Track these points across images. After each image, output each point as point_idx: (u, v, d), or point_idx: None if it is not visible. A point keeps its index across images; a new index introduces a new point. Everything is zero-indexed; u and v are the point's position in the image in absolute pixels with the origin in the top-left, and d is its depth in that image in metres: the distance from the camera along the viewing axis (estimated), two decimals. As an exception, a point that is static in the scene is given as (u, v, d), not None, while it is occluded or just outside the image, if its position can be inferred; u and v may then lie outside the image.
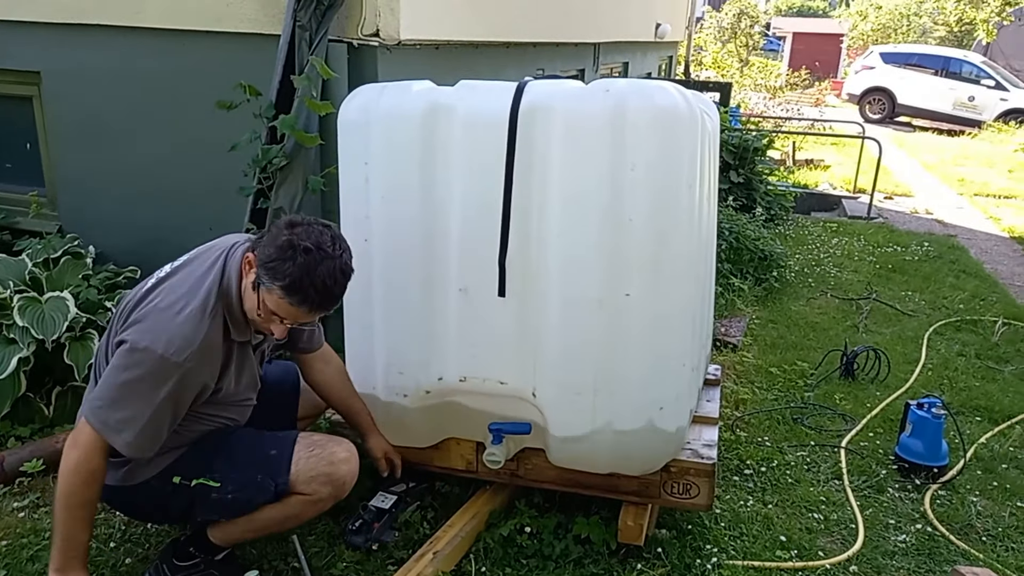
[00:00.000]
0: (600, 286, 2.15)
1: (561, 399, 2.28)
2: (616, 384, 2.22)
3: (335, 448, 2.12)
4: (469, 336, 2.34)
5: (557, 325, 2.22)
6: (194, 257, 2.06)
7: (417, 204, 2.29)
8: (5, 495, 2.59)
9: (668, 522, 2.64)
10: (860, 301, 5.26)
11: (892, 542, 2.63)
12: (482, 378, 2.37)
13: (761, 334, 4.59)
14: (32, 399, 2.96)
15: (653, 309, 2.18)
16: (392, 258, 2.34)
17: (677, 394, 2.35)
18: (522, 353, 2.30)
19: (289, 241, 1.84)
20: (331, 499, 2.12)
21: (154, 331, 1.87)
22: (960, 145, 13.86)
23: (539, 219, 2.18)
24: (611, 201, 2.10)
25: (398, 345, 2.40)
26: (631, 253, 2.13)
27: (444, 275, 2.32)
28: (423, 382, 2.42)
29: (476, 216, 2.24)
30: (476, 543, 2.48)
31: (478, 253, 2.26)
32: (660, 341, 2.23)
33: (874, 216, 8.05)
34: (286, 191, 3.08)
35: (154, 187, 3.63)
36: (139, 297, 1.99)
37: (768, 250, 5.47)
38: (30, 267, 3.23)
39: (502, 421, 2.40)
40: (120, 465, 2.00)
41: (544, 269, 2.20)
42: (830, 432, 3.42)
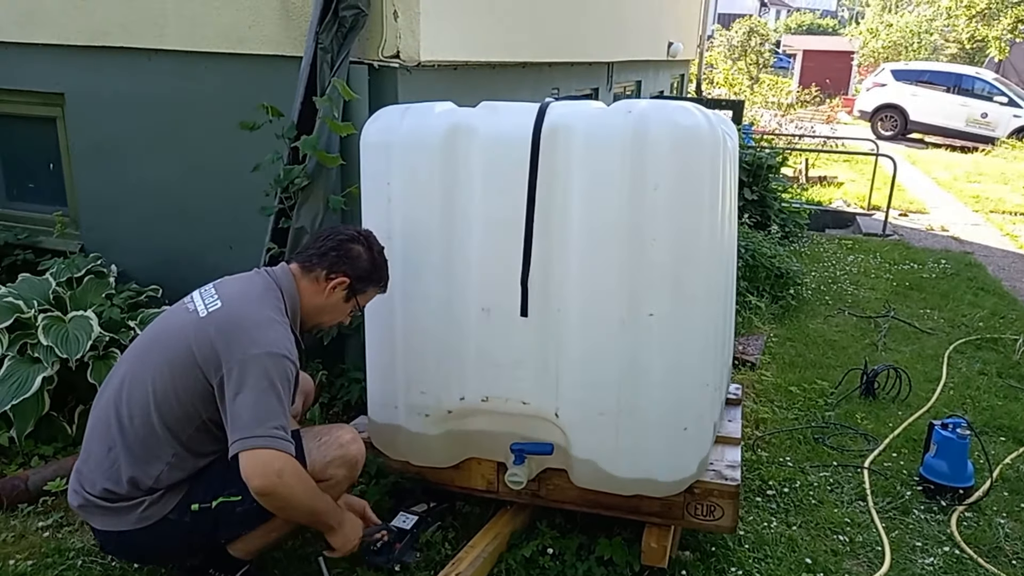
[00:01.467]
0: (622, 306, 2.15)
1: (584, 419, 2.28)
2: (639, 404, 2.22)
3: (340, 432, 2.23)
4: (491, 356, 2.34)
5: (579, 345, 2.22)
6: (233, 295, 2.09)
7: (439, 224, 2.30)
8: (29, 514, 2.60)
9: (691, 543, 2.62)
10: (878, 319, 5.22)
11: (920, 565, 2.59)
12: (504, 398, 2.37)
13: (779, 352, 4.56)
14: (55, 418, 2.97)
15: (676, 329, 2.18)
16: (414, 278, 2.35)
17: (700, 414, 2.34)
18: (544, 373, 2.30)
19: (378, 257, 2.24)
20: (347, 481, 2.23)
21: (267, 338, 1.96)
22: (974, 162, 13.81)
23: (561, 239, 2.19)
24: (633, 222, 2.11)
25: (419, 365, 2.41)
26: (653, 273, 2.14)
27: (466, 295, 2.32)
28: (445, 402, 2.42)
29: (498, 236, 2.25)
30: (498, 564, 2.46)
31: (500, 273, 2.26)
32: (683, 361, 2.23)
33: (889, 233, 8.02)
34: (307, 210, 3.10)
35: (176, 207, 3.66)
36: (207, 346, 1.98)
37: (784, 267, 5.45)
38: (54, 286, 3.26)
39: (524, 441, 2.40)
40: (132, 508, 1.99)
41: (566, 289, 2.21)
42: (852, 452, 3.39)
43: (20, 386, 2.81)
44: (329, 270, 2.17)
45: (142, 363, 2.05)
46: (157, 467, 1.99)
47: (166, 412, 1.98)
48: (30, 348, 2.93)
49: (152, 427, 1.98)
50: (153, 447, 1.98)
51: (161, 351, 2.03)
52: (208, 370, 1.95)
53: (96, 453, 2.02)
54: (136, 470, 1.98)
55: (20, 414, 2.82)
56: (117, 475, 1.98)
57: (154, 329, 2.16)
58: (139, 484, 1.98)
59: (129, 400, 2.01)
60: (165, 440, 1.98)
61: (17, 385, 2.81)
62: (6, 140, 4.20)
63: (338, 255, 2.17)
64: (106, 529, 2.02)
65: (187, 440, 2.00)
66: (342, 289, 2.18)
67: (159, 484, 2.00)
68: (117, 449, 1.99)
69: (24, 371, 2.86)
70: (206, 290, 2.12)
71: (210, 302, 2.05)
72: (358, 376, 3.16)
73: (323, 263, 2.17)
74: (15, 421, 2.82)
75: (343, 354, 3.35)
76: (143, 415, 1.98)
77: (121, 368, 2.11)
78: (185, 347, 1.97)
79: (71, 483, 2.07)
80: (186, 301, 2.11)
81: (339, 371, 3.31)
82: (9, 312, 3.02)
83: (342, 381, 3.28)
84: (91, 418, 2.11)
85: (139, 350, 2.11)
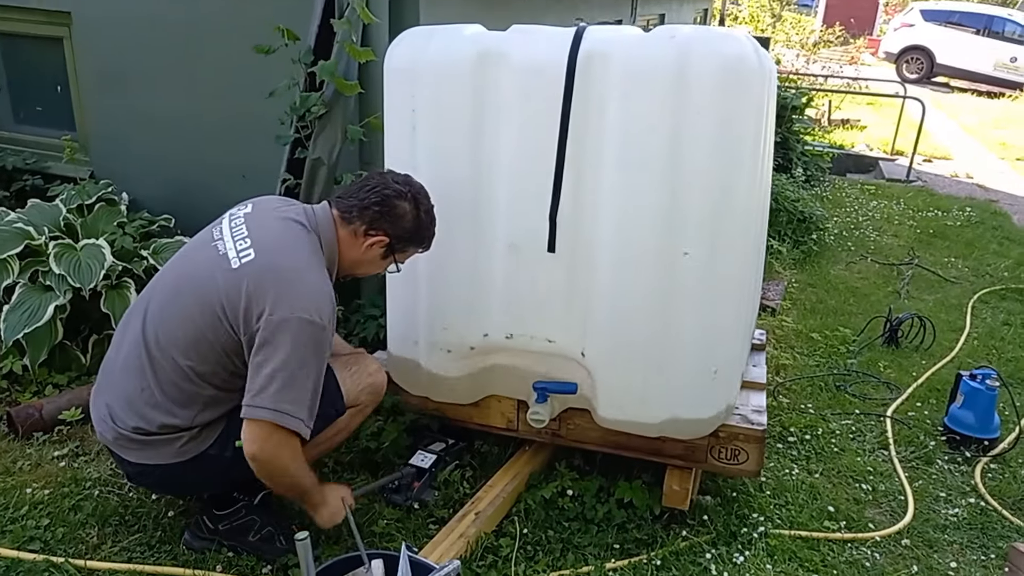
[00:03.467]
0: (656, 243, 2.07)
1: (611, 360, 2.21)
2: (669, 346, 2.15)
3: (366, 361, 2.28)
4: (517, 293, 2.27)
5: (609, 283, 2.14)
6: (269, 245, 1.94)
7: (466, 155, 2.20)
8: (44, 443, 2.58)
9: (711, 488, 2.59)
10: (901, 266, 5.12)
11: (943, 515, 2.56)
12: (529, 336, 2.30)
13: (800, 298, 4.49)
14: (69, 347, 2.93)
15: (711, 268, 2.09)
16: (439, 211, 2.24)
17: (731, 357, 2.28)
18: (572, 311, 2.22)
19: (424, 217, 2.09)
20: (372, 405, 2.29)
21: (302, 302, 1.84)
22: (1001, 108, 13.46)
23: (594, 173, 2.09)
24: (672, 155, 2.00)
25: (443, 300, 2.34)
26: (691, 210, 2.04)
27: (492, 229, 2.24)
28: (468, 338, 2.36)
29: (527, 168, 2.15)
30: (516, 504, 2.44)
31: (528, 207, 2.17)
32: (717, 301, 2.15)
33: (913, 179, 7.84)
34: (324, 140, 2.98)
35: (187, 134, 3.54)
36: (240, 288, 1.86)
37: (808, 212, 5.33)
38: (64, 213, 3.18)
39: (547, 380, 2.34)
40: (169, 443, 1.94)
41: (597, 225, 2.11)
42: (875, 400, 3.33)
43: (32, 314, 2.76)
44: (369, 226, 2.04)
45: (173, 304, 1.95)
46: (193, 408, 1.94)
47: (197, 359, 1.90)
48: (42, 276, 2.87)
49: (184, 372, 1.91)
50: (187, 389, 1.92)
51: (192, 295, 1.92)
52: (237, 326, 1.86)
53: (129, 390, 1.95)
54: (171, 409, 1.92)
55: (33, 342, 2.78)
56: (151, 413, 1.92)
57: (184, 266, 2.04)
58: (175, 423, 1.94)
59: (159, 341, 1.92)
60: (199, 384, 1.92)
61: (29, 313, 2.76)
62: (12, 61, 4.06)
63: (381, 211, 2.03)
64: (140, 462, 1.97)
65: (222, 383, 1.94)
66: (380, 247, 2.07)
67: (196, 423, 1.95)
68: (151, 389, 1.92)
69: (36, 299, 2.81)
70: (237, 228, 1.98)
71: (243, 250, 1.91)
72: (375, 312, 3.09)
73: (364, 217, 2.03)
74: (28, 349, 2.79)
75: (358, 290, 3.28)
76: (176, 359, 1.90)
77: (150, 304, 2.00)
78: (216, 298, 1.87)
79: (99, 416, 2.01)
80: (215, 237, 1.99)
81: (355, 307, 3.24)
82: (19, 238, 2.95)
83: (358, 317, 3.22)
84: (116, 349, 2.03)
85: (169, 288, 1.99)
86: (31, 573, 1.98)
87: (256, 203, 2.12)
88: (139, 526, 2.19)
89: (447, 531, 2.22)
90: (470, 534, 2.22)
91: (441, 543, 2.17)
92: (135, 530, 2.18)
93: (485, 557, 2.19)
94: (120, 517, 2.22)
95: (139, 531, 2.18)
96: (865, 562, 2.30)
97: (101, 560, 2.05)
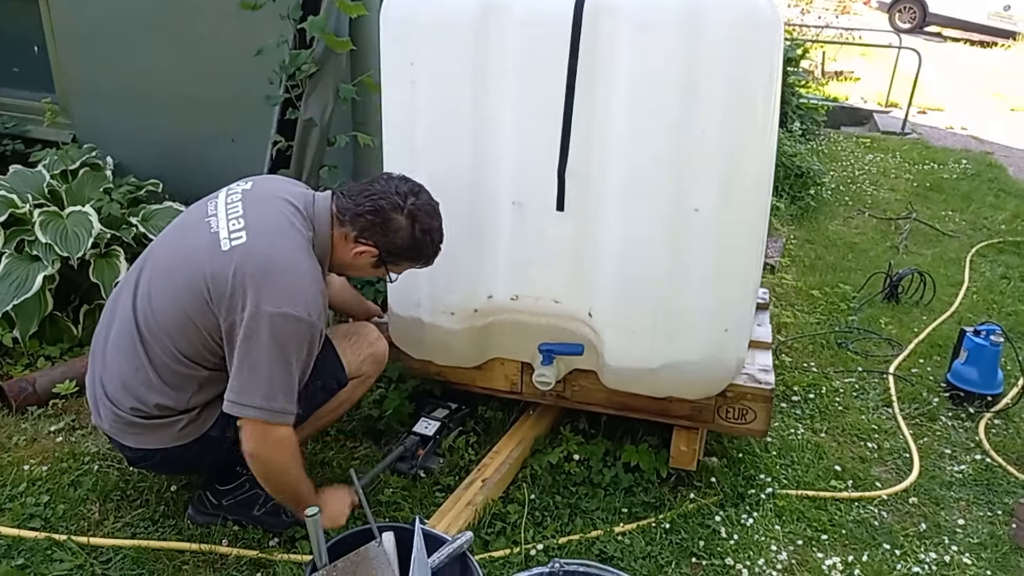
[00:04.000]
0: (666, 201, 2.01)
1: (620, 320, 2.16)
2: (679, 305, 2.10)
3: (367, 331, 2.21)
4: (523, 253, 2.20)
5: (618, 242, 2.08)
6: (261, 229, 1.85)
7: (468, 110, 2.11)
8: (40, 418, 2.52)
9: (716, 450, 2.57)
10: (899, 221, 5.09)
11: (948, 472, 2.56)
12: (535, 297, 2.25)
13: (799, 255, 4.45)
14: (59, 318, 2.86)
15: (722, 226, 2.04)
16: (440, 168, 2.17)
17: (741, 316, 2.24)
18: (579, 271, 2.17)
19: (420, 237, 1.95)
20: (374, 375, 2.23)
21: (289, 295, 1.77)
22: (994, 58, 13.33)
23: (602, 128, 2.01)
24: (682, 111, 1.93)
25: (446, 261, 2.24)
26: (701, 167, 1.97)
27: (496, 187, 2.16)
28: (472, 300, 2.30)
29: (533, 124, 2.07)
30: (522, 470, 2.41)
31: (534, 164, 2.09)
32: (727, 260, 2.10)
33: (908, 131, 7.77)
34: (316, 100, 2.89)
35: (173, 95, 3.43)
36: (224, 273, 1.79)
37: (805, 167, 5.26)
38: (48, 179, 3.08)
39: (553, 342, 2.30)
40: (168, 426, 1.89)
41: (606, 182, 2.05)
42: (877, 357, 3.32)
43: (20, 285, 2.68)
44: (360, 233, 1.92)
45: (163, 285, 1.87)
46: (188, 389, 1.88)
47: (187, 344, 1.83)
48: (28, 245, 2.79)
49: (176, 355, 1.84)
50: (181, 371, 1.86)
51: (182, 276, 1.83)
52: (219, 310, 1.79)
53: (124, 371, 1.89)
54: (167, 391, 1.87)
55: (22, 314, 2.71)
56: (147, 394, 1.87)
57: (175, 242, 1.95)
58: (172, 405, 1.88)
59: (150, 324, 1.85)
60: (191, 366, 1.86)
61: (17, 284, 2.69)
62: (-15, 20, 3.92)
63: (373, 221, 1.90)
64: (140, 447, 1.92)
65: (214, 366, 1.88)
66: (370, 256, 1.95)
67: (192, 405, 1.90)
68: (145, 370, 1.86)
69: (23, 269, 2.73)
70: (233, 206, 1.89)
71: (235, 231, 1.83)
72: (371, 279, 3.03)
73: (356, 224, 1.91)
74: (17, 321, 2.71)
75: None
76: (167, 343, 1.84)
77: (140, 281, 1.91)
78: (203, 282, 1.79)
79: (94, 398, 1.96)
80: (209, 213, 1.90)
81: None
82: (2, 207, 2.86)
83: (355, 283, 3.16)
84: (107, 324, 1.96)
85: (159, 267, 1.91)
86: (33, 551, 1.94)
87: (257, 181, 2.02)
88: (141, 501, 2.16)
89: (454, 499, 2.20)
90: (477, 502, 2.20)
91: (449, 511, 2.15)
92: (137, 505, 2.14)
93: (493, 524, 2.17)
94: (121, 492, 2.18)
95: (141, 506, 2.14)
96: (873, 521, 2.30)
97: (104, 536, 2.02)
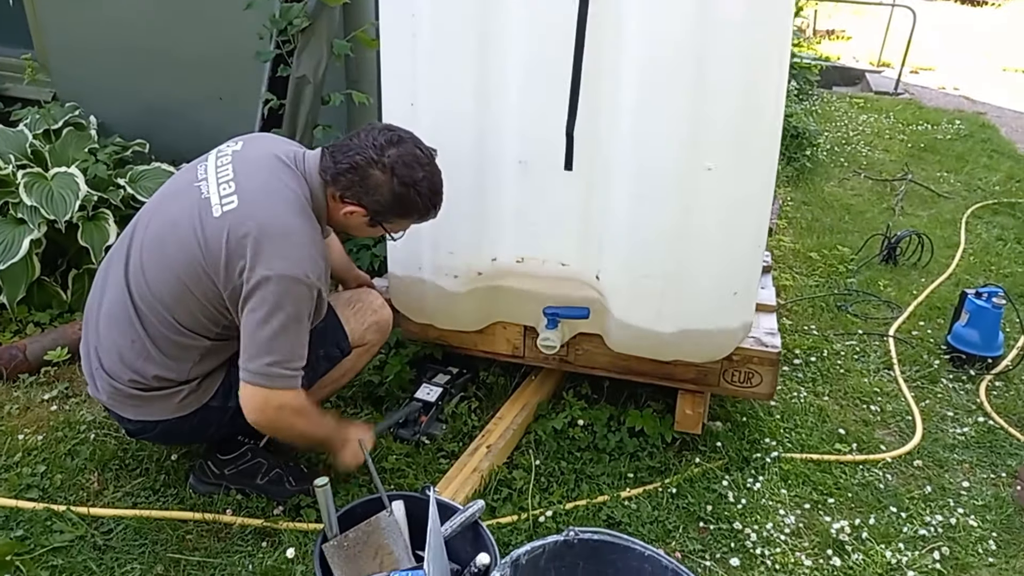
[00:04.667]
0: (678, 159, 1.94)
1: (627, 282, 2.12)
2: (689, 267, 2.06)
3: (370, 298, 2.15)
4: (529, 214, 2.14)
5: (628, 201, 2.03)
6: (253, 191, 1.77)
7: (472, 64, 2.03)
8: (32, 385, 2.46)
9: (720, 414, 2.56)
10: (894, 182, 5.06)
11: (951, 435, 2.56)
12: (541, 259, 2.20)
13: (795, 217, 4.42)
14: (47, 283, 2.78)
15: (735, 185, 1.99)
16: (442, 126, 2.09)
17: (750, 278, 2.20)
18: (587, 232, 2.12)
19: (401, 191, 1.82)
20: (379, 344, 2.18)
21: (287, 257, 1.70)
22: (984, 17, 13.23)
23: (613, 83, 1.93)
24: (698, 64, 1.85)
25: (448, 223, 2.17)
26: (716, 123, 1.91)
27: (501, 146, 2.09)
28: (475, 263, 2.25)
29: (540, 79, 1.99)
30: (526, 435, 2.39)
31: (540, 121, 2.02)
32: (739, 221, 2.05)
33: (901, 91, 7.71)
34: (309, 56, 2.78)
35: (158, 51, 3.30)
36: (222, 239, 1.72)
37: (801, 127, 5.21)
38: (30, 139, 2.97)
39: (558, 305, 2.25)
40: (168, 398, 1.84)
41: (616, 139, 1.98)
42: (876, 320, 3.31)
43: (6, 250, 2.59)
44: (343, 193, 1.83)
45: (155, 255, 1.79)
46: (188, 361, 1.83)
47: (185, 315, 1.77)
48: (12, 208, 2.69)
49: (174, 326, 1.78)
50: (180, 342, 1.80)
51: (174, 245, 1.76)
52: (218, 279, 1.72)
53: (119, 344, 1.82)
54: (166, 363, 1.81)
55: (9, 279, 2.63)
56: (145, 366, 1.81)
57: (166, 208, 1.86)
58: (172, 378, 1.83)
59: (144, 295, 1.78)
60: (191, 336, 1.80)
61: (3, 248, 2.60)
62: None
63: (352, 179, 1.81)
64: (140, 419, 1.87)
65: (215, 336, 1.82)
66: (360, 216, 1.86)
67: (193, 375, 1.84)
68: (141, 341, 1.80)
69: (9, 233, 2.64)
70: (223, 169, 1.81)
71: (226, 196, 1.75)
72: (367, 242, 2.97)
73: (338, 184, 1.82)
74: (4, 287, 2.63)
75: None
76: (163, 314, 1.77)
77: (131, 249, 1.84)
78: (197, 251, 1.72)
79: (89, 370, 1.90)
80: (199, 177, 1.82)
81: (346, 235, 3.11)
82: (-16, 168, 2.75)
83: (349, 247, 3.09)
84: (99, 294, 1.89)
85: (151, 235, 1.82)
86: (32, 522, 1.89)
87: (247, 141, 1.93)
88: (141, 470, 2.11)
89: (460, 466, 2.17)
90: (483, 468, 2.17)
91: (455, 478, 2.12)
92: (137, 474, 2.10)
93: (500, 491, 2.15)
94: (120, 461, 2.13)
95: (141, 475, 2.09)
96: (878, 484, 2.30)
97: (105, 507, 1.98)
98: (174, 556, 1.84)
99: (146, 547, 1.87)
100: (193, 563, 1.84)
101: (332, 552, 1.62)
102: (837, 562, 1.99)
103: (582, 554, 1.62)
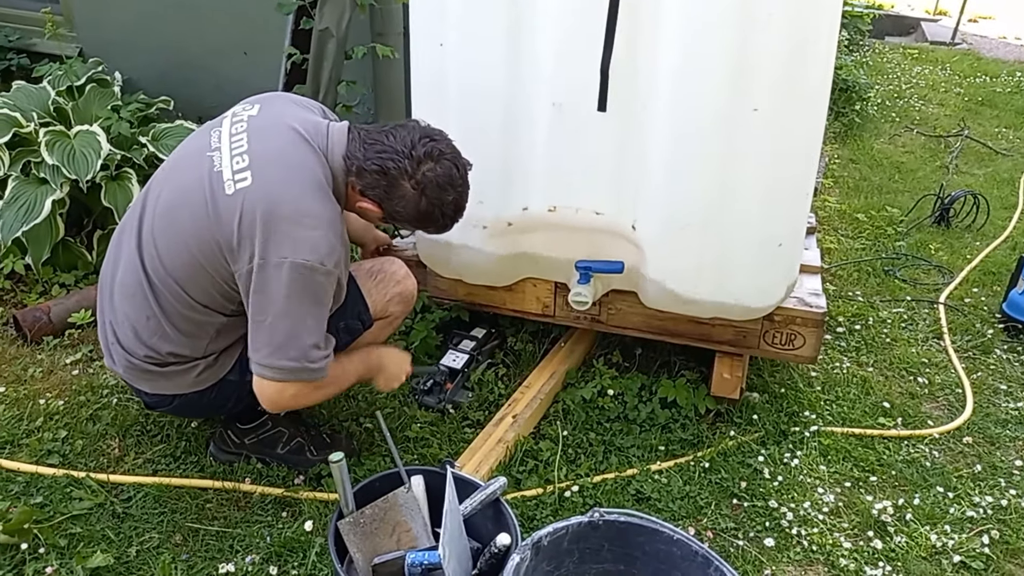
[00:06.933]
0: (722, 99, 1.82)
1: (665, 233, 2.01)
2: (731, 216, 1.94)
3: (392, 268, 2.05)
4: (562, 159, 2.03)
5: (667, 145, 1.91)
6: (268, 166, 1.68)
7: (504, 4, 1.91)
8: (56, 348, 2.44)
9: (757, 384, 2.45)
10: (949, 138, 4.80)
11: (1003, 409, 2.43)
12: (574, 208, 2.09)
13: (842, 175, 4.23)
14: (72, 244, 2.75)
15: (781, 128, 1.87)
16: (471, 66, 1.99)
17: (797, 229, 2.09)
18: (623, 179, 2.00)
19: (428, 209, 1.77)
20: (402, 316, 2.10)
21: (300, 243, 1.62)
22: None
23: (652, 17, 1.80)
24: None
25: (477, 170, 2.06)
26: (763, 60, 1.78)
27: (534, 86, 1.97)
28: (505, 213, 2.14)
29: (574, 15, 1.87)
30: (554, 405, 2.32)
31: (575, 60, 1.90)
32: (785, 166, 1.93)
33: (958, 42, 7.32)
34: (332, 8, 2.67)
35: (181, 5, 3.22)
36: (228, 215, 1.64)
37: (851, 80, 4.95)
38: (53, 96, 2.92)
39: (591, 260, 2.15)
40: (186, 372, 1.79)
41: (655, 78, 1.85)
42: (926, 286, 3.15)
43: (29, 210, 2.56)
44: (364, 187, 1.75)
45: (168, 229, 1.72)
46: (204, 337, 1.77)
47: (199, 292, 1.71)
48: (35, 167, 2.66)
49: (189, 302, 1.72)
50: (196, 319, 1.74)
51: (188, 219, 1.69)
52: (232, 258, 1.65)
53: (133, 318, 1.77)
54: (181, 340, 1.76)
55: (33, 240, 2.60)
56: (160, 343, 1.76)
57: (178, 179, 1.77)
58: (187, 354, 1.78)
59: (157, 270, 1.72)
60: (206, 312, 1.74)
61: (26, 209, 2.56)
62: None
63: (378, 181, 1.72)
64: (157, 392, 1.83)
65: (231, 312, 1.76)
66: (375, 214, 1.80)
67: (209, 351, 1.79)
68: (156, 318, 1.74)
69: (31, 193, 2.60)
70: (237, 138, 1.71)
71: (239, 170, 1.65)
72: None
73: (361, 178, 1.73)
74: (29, 247, 2.61)
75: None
76: (178, 290, 1.71)
77: (143, 221, 1.77)
78: (209, 228, 1.65)
79: (105, 342, 1.86)
80: (213, 146, 1.72)
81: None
82: (6, 126, 2.71)
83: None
84: (112, 264, 1.84)
85: (163, 208, 1.75)
86: (52, 489, 1.88)
87: (264, 104, 1.82)
88: (162, 436, 2.09)
89: (484, 436, 2.11)
90: (508, 439, 2.11)
91: (479, 449, 2.07)
92: (158, 441, 2.07)
93: (525, 462, 2.08)
94: (141, 427, 2.11)
95: (162, 442, 2.07)
96: (924, 461, 2.19)
97: (125, 473, 1.96)
98: (193, 525, 1.82)
99: (165, 515, 1.84)
100: (212, 532, 1.81)
101: (348, 529, 1.57)
102: (878, 544, 1.89)
103: (607, 536, 1.55)
